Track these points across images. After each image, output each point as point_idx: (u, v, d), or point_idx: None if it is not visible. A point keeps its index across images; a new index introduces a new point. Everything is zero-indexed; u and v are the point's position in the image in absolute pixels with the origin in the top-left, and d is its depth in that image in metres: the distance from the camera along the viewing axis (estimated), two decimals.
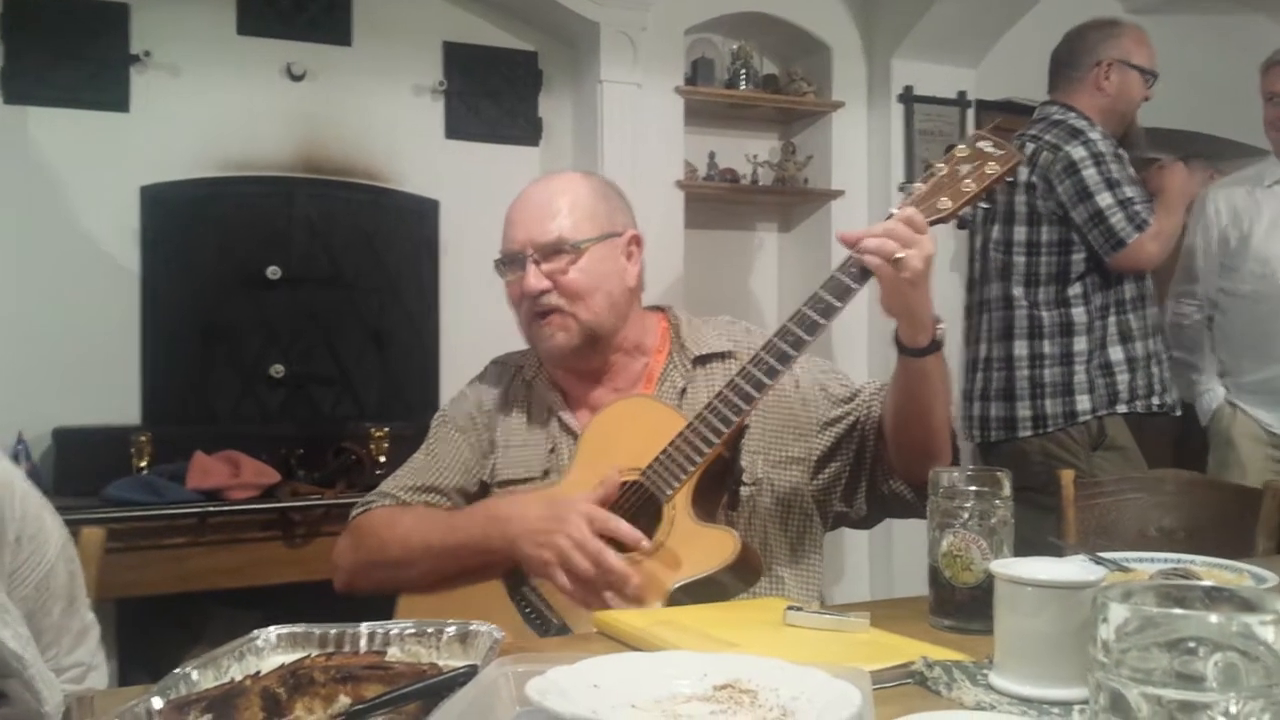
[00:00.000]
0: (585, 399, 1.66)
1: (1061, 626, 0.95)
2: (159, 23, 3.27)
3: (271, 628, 1.04)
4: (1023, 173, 2.74)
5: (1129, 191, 2.65)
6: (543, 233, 1.57)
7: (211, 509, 2.82)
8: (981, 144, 1.42)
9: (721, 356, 1.63)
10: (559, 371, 1.68)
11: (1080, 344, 2.72)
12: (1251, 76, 3.20)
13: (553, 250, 1.57)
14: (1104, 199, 2.65)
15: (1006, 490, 1.24)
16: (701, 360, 1.63)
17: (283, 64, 3.40)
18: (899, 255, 1.32)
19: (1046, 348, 2.75)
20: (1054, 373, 2.74)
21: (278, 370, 3.29)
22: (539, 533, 1.42)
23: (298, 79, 3.41)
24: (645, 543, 1.39)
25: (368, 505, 1.67)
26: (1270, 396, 3.02)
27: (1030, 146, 2.76)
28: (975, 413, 2.87)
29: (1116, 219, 2.63)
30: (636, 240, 1.66)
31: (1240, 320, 3.10)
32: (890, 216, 1.39)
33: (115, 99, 3.22)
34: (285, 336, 3.33)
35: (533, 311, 1.59)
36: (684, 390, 1.61)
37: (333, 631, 1.04)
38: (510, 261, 1.61)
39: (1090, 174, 2.66)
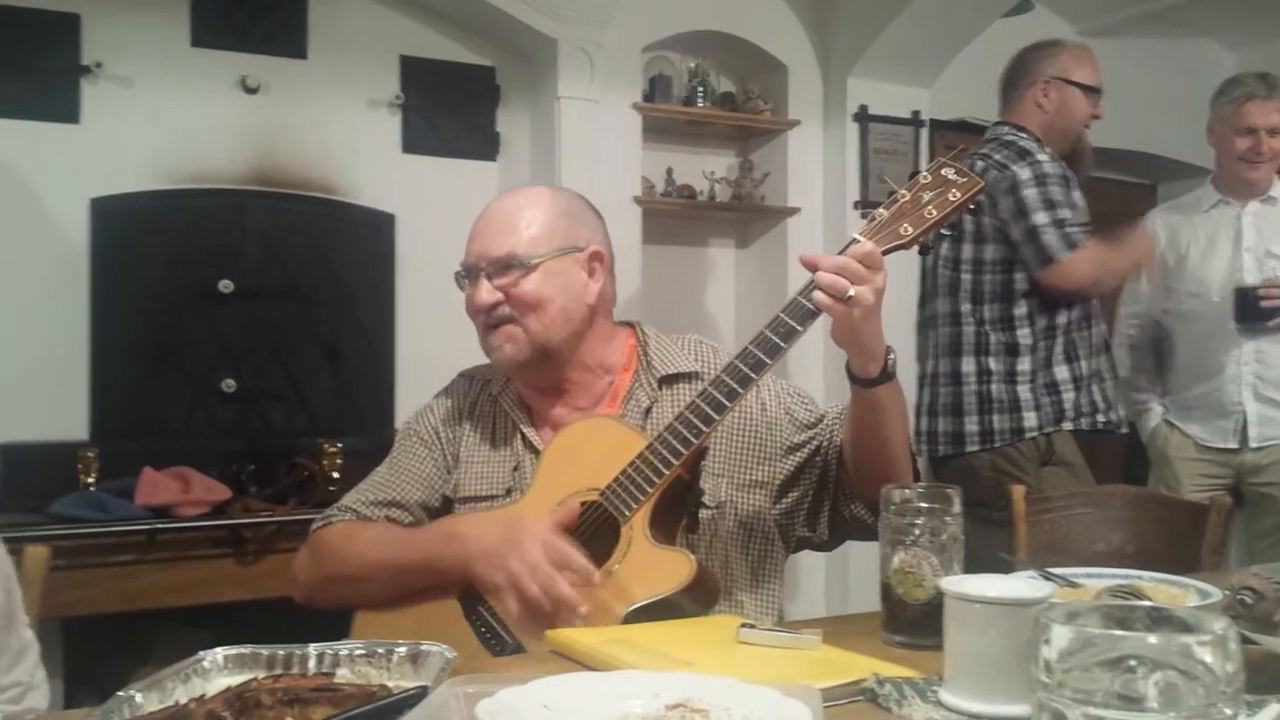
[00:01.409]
0: (549, 416, 1.65)
1: (1010, 643, 0.95)
2: (111, 34, 3.23)
3: (218, 649, 1.02)
4: None
5: (1065, 213, 2.68)
6: (496, 247, 1.57)
7: (160, 526, 2.78)
8: (945, 171, 1.41)
9: (688, 377, 1.62)
10: (523, 387, 1.67)
11: (1024, 364, 2.75)
12: (1198, 98, 3.28)
13: (504, 265, 1.56)
14: (1039, 217, 2.68)
15: (957, 507, 1.25)
16: (668, 380, 1.62)
17: (237, 76, 3.37)
18: (850, 293, 1.32)
19: (993, 364, 2.78)
20: (1000, 389, 2.77)
21: (229, 385, 3.25)
22: (493, 554, 1.41)
23: (252, 92, 3.39)
24: (596, 576, 1.38)
25: (328, 519, 1.65)
26: (1203, 411, 3.13)
27: (980, 164, 2.80)
28: (924, 428, 2.90)
29: (1049, 237, 2.67)
30: (599, 257, 1.63)
31: (1178, 339, 3.23)
32: (852, 242, 1.39)
33: (66, 110, 3.18)
34: (237, 351, 3.30)
35: (486, 324, 1.59)
36: (649, 410, 1.60)
37: (281, 653, 1.02)
38: (468, 274, 1.61)
39: (1030, 193, 2.70)
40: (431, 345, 3.37)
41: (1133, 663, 0.58)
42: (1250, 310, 3.02)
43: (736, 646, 1.19)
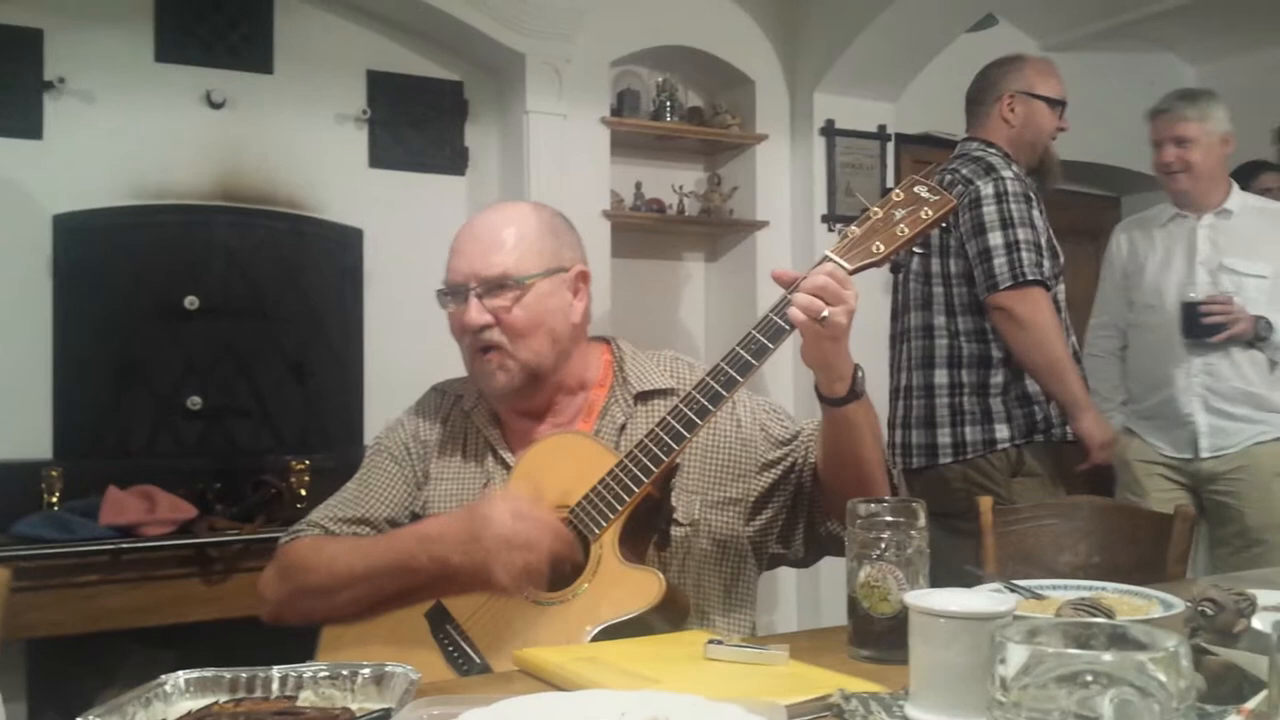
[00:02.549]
0: (523, 433, 1.63)
1: (973, 657, 0.95)
2: (74, 48, 3.20)
3: (180, 672, 1.01)
4: None
5: (1021, 234, 2.68)
6: (487, 266, 1.54)
7: (125, 546, 2.74)
8: (917, 188, 1.41)
9: (664, 394, 1.60)
10: (499, 405, 1.66)
11: (997, 376, 2.77)
12: None
13: (496, 285, 1.54)
14: (994, 238, 2.69)
15: (922, 521, 1.25)
16: (643, 396, 1.61)
17: (202, 91, 3.35)
18: (824, 314, 1.32)
19: (965, 377, 2.80)
20: (973, 401, 2.78)
21: (195, 402, 3.22)
22: (467, 540, 1.41)
23: (217, 106, 3.36)
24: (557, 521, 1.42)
25: (295, 534, 1.63)
26: (1162, 421, 3.14)
27: (947, 179, 2.82)
28: (897, 440, 2.91)
29: (998, 261, 2.68)
30: (584, 276, 1.62)
31: (1138, 349, 3.25)
32: (824, 260, 1.39)
33: (28, 126, 3.14)
34: (203, 368, 3.27)
35: (474, 346, 1.56)
36: (624, 426, 1.59)
37: (244, 675, 1.01)
38: (453, 293, 1.57)
39: (989, 210, 2.71)
40: (400, 361, 3.36)
41: (1089, 678, 0.59)
42: (1195, 325, 3.02)
43: (704, 663, 1.19)
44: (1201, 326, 3.01)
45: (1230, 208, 3.15)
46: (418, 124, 3.69)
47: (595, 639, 1.34)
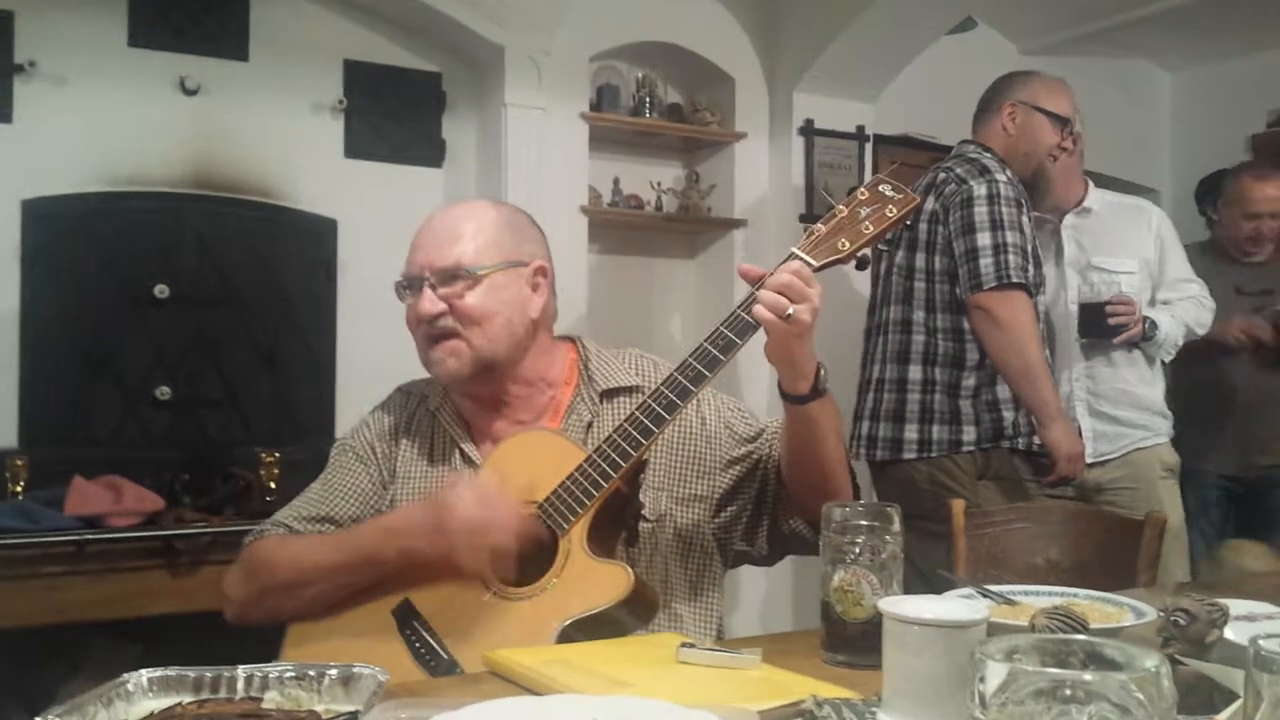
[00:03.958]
0: (489, 431, 1.64)
1: (946, 664, 0.95)
2: (45, 32, 3.15)
3: (143, 671, 1.00)
4: (930, 201, 2.80)
5: (1009, 237, 2.69)
6: (441, 257, 1.56)
7: (90, 536, 2.70)
8: (882, 187, 1.44)
9: (629, 391, 1.63)
10: (463, 402, 1.66)
11: (969, 379, 2.78)
12: (1134, 117, 3.33)
13: (450, 275, 1.55)
14: (982, 238, 2.70)
15: (896, 525, 1.25)
16: (609, 394, 1.63)
17: (175, 77, 3.31)
18: (789, 311, 1.33)
19: (938, 375, 2.80)
20: (942, 400, 2.79)
21: (164, 392, 3.18)
22: (430, 528, 1.41)
23: (191, 93, 3.32)
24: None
25: (260, 533, 1.64)
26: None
27: (941, 176, 2.83)
28: (864, 432, 2.91)
29: (985, 261, 2.69)
30: (543, 271, 1.64)
31: None
32: (790, 257, 1.40)
33: None
34: (172, 357, 3.22)
35: (428, 335, 1.57)
36: (590, 424, 1.60)
37: (208, 675, 1.00)
38: (410, 285, 1.60)
39: (980, 210, 2.72)
40: (373, 353, 3.33)
41: (1067, 692, 0.58)
42: (1095, 325, 3.00)
43: (676, 667, 1.19)
44: (1107, 327, 2.99)
45: (1090, 205, 3.17)
46: (394, 115, 3.66)
47: (564, 633, 1.34)
